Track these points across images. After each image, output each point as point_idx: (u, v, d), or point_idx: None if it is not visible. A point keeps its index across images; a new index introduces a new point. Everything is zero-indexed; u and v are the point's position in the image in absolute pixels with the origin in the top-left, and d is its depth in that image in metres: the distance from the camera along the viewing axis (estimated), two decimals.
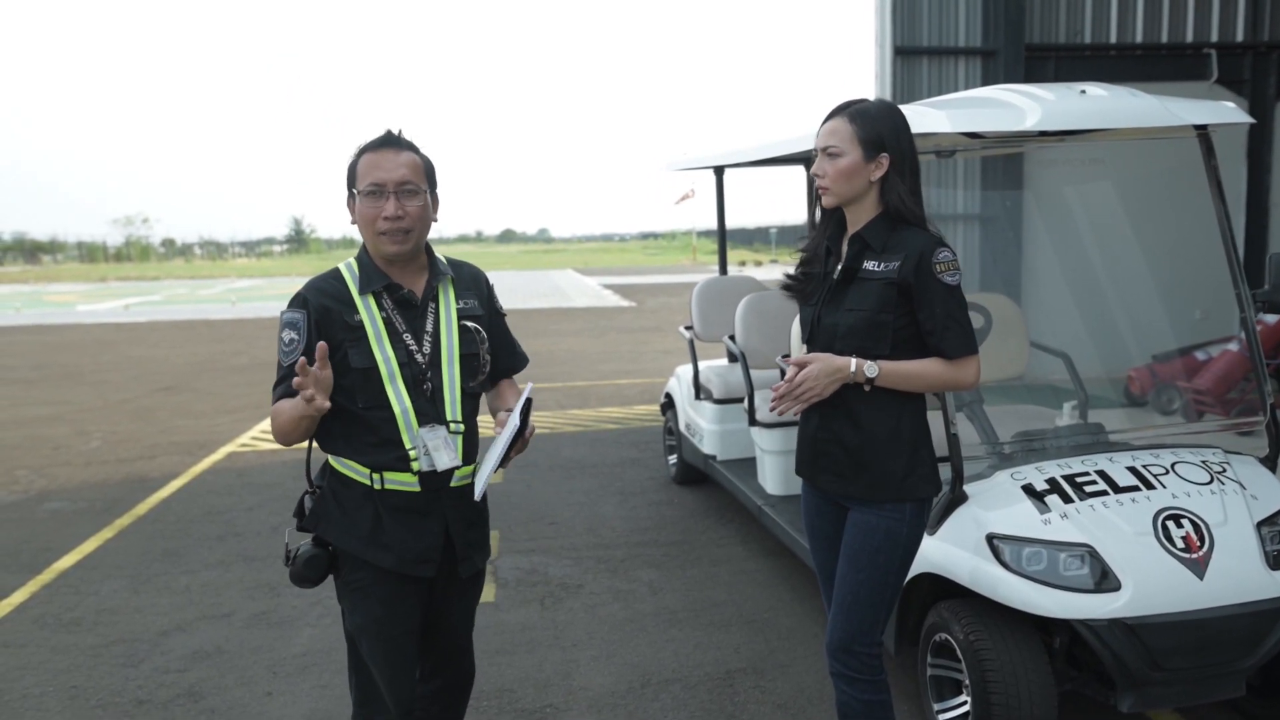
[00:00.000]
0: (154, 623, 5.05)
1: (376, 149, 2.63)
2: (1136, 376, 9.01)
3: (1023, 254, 10.85)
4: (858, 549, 2.87)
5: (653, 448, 8.50)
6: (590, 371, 13.63)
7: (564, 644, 4.65)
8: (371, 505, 2.66)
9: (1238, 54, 11.19)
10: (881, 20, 10.51)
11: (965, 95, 4.10)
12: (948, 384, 2.78)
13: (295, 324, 2.60)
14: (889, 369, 2.74)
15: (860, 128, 2.76)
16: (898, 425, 2.81)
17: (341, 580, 2.75)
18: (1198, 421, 6.72)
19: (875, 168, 2.77)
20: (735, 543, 5.99)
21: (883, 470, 2.82)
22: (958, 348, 2.73)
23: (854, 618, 2.91)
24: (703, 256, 59.31)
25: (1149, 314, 9.71)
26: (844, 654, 2.93)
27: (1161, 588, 3.21)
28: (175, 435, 9.91)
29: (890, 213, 2.79)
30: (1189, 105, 3.79)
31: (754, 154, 6.03)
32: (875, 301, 2.77)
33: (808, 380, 2.76)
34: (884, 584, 2.87)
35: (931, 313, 2.72)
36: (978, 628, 3.33)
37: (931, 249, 2.71)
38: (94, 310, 29.00)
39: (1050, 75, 10.74)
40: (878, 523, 2.84)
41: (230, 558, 6.01)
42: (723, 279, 7.20)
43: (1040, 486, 3.47)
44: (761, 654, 4.48)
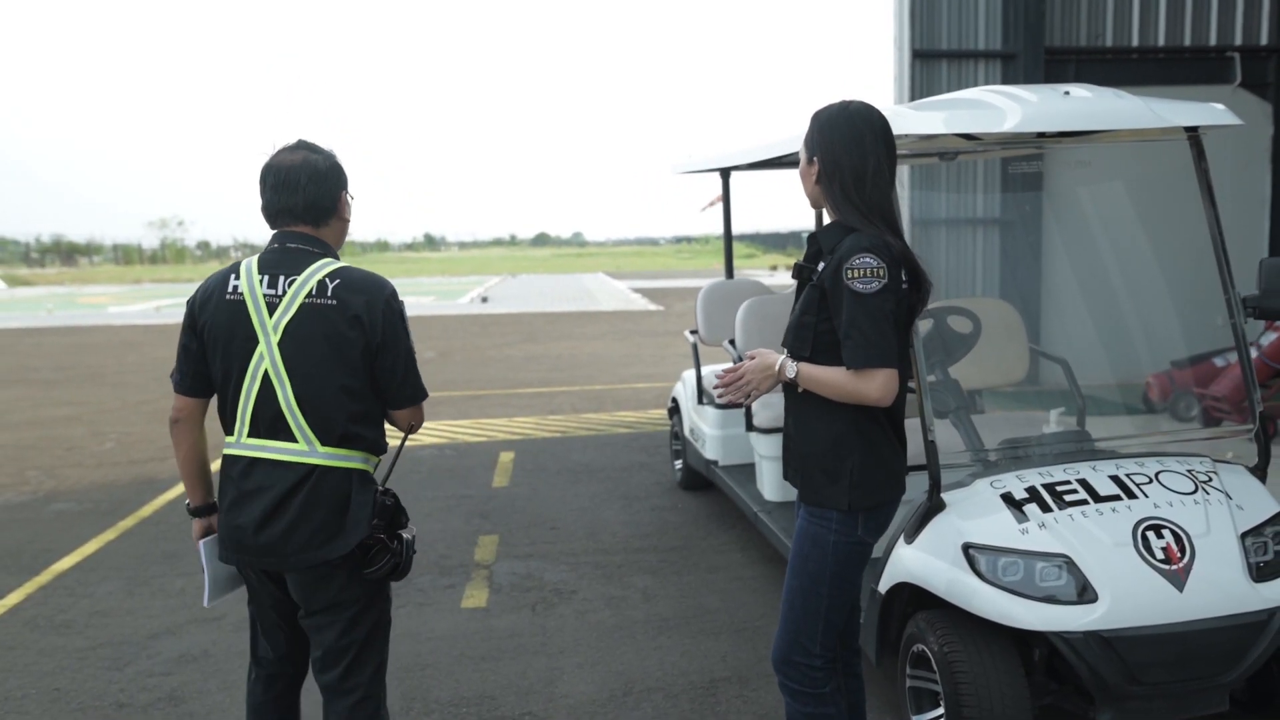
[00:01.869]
0: (144, 625, 5.06)
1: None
2: (1155, 383, 8.93)
3: (1042, 259, 10.74)
4: (794, 553, 2.92)
5: (662, 452, 8.47)
6: (610, 375, 13.61)
7: (550, 651, 4.63)
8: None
9: (1262, 57, 11.00)
10: (900, 23, 10.43)
11: (950, 97, 4.04)
12: (850, 395, 2.67)
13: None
14: (805, 372, 2.75)
15: (808, 131, 2.80)
16: (827, 430, 2.78)
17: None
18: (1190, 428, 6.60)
19: (812, 171, 2.78)
20: (734, 549, 5.94)
21: (807, 472, 2.84)
22: (856, 358, 2.63)
23: (790, 628, 2.91)
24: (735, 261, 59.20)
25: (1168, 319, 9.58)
26: (785, 665, 2.93)
27: (1140, 600, 3.15)
28: None
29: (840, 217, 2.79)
30: (1177, 107, 3.71)
31: (756, 155, 5.99)
32: (802, 304, 2.81)
33: (746, 373, 2.81)
34: (815, 593, 2.85)
35: (839, 320, 2.67)
36: (952, 639, 3.27)
37: (850, 254, 2.63)
38: (125, 312, 29.26)
39: (1070, 78, 10.60)
40: (807, 526, 2.86)
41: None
42: (728, 282, 7.16)
43: (1019, 495, 3.41)
44: (748, 663, 4.44)
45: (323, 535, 2.69)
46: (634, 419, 10.21)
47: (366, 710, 2.86)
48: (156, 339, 20.48)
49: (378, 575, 2.77)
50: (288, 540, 2.69)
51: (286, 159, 2.77)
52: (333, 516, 2.70)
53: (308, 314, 2.67)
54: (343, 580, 2.75)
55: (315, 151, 2.81)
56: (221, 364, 2.75)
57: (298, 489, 2.69)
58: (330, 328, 2.67)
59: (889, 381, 2.64)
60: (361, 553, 2.73)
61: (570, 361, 15.13)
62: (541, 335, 19.54)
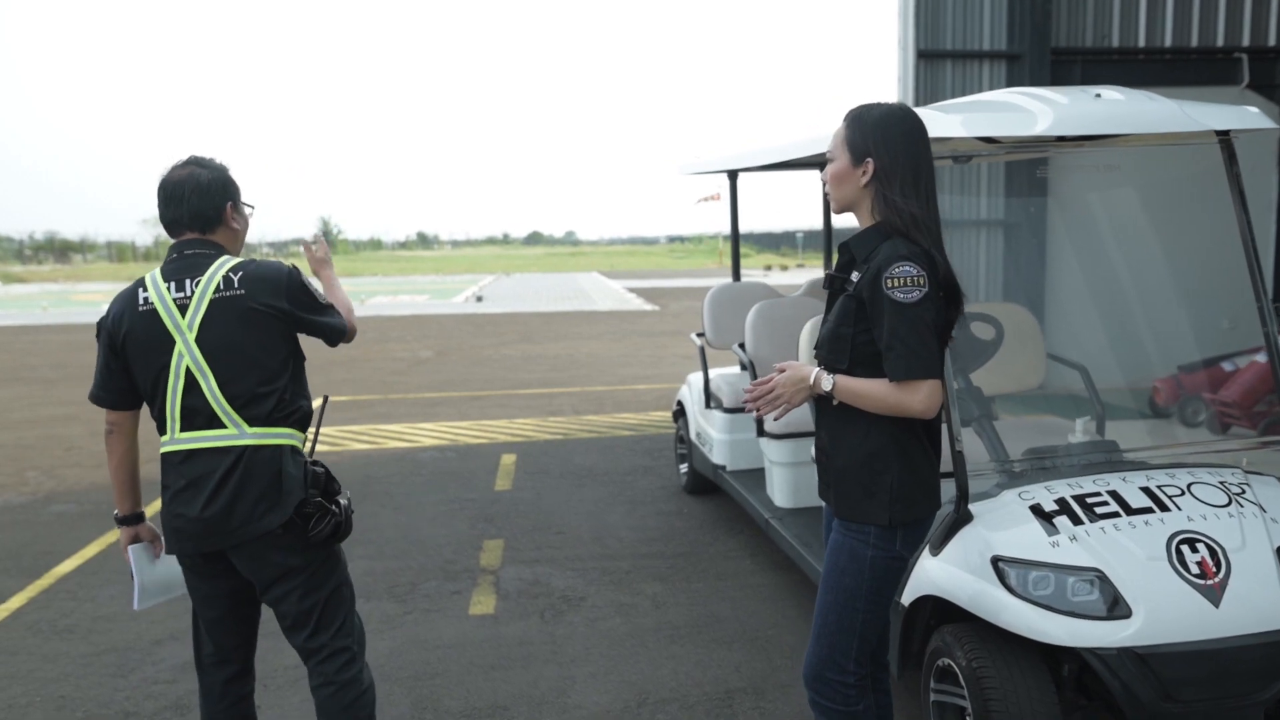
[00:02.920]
0: (148, 631, 4.97)
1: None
2: (1162, 387, 8.87)
3: (1046, 261, 10.68)
4: (828, 568, 2.83)
5: (665, 455, 8.39)
6: (609, 376, 13.53)
7: (562, 660, 4.54)
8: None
9: (1270, 58, 10.96)
10: (905, 22, 10.35)
11: (977, 99, 3.96)
12: (894, 407, 2.61)
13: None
14: (843, 385, 2.67)
15: (850, 132, 2.71)
16: (861, 444, 2.72)
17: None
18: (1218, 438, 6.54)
19: (862, 173, 2.68)
20: (743, 555, 5.86)
21: (843, 486, 2.77)
22: (899, 370, 2.56)
23: (823, 644, 2.84)
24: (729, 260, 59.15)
25: (1175, 323, 9.57)
26: (817, 682, 2.86)
27: (1174, 615, 3.06)
28: None
29: (884, 222, 2.69)
30: (1209, 110, 3.63)
31: (765, 158, 5.91)
32: (839, 314, 2.72)
33: (778, 386, 2.74)
34: (851, 608, 2.78)
35: (881, 331, 2.60)
36: (981, 654, 3.18)
37: (889, 263, 2.57)
38: None
39: (1076, 79, 10.54)
40: (843, 541, 2.78)
41: None
42: (735, 285, 7.08)
43: (1049, 507, 3.32)
44: (763, 673, 4.36)
45: (262, 507, 2.86)
46: (635, 421, 10.13)
47: (337, 663, 3.07)
48: None
49: (320, 537, 2.94)
50: (229, 518, 2.85)
51: (173, 175, 2.97)
52: (269, 490, 2.87)
53: (219, 307, 2.86)
54: (288, 548, 2.93)
55: (202, 166, 2.99)
56: (145, 372, 2.91)
57: (233, 470, 2.85)
58: (242, 315, 2.87)
59: (933, 393, 2.57)
60: (302, 521, 2.91)
61: (568, 362, 15.06)
62: (538, 335, 19.46)
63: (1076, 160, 10.00)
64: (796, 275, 40.11)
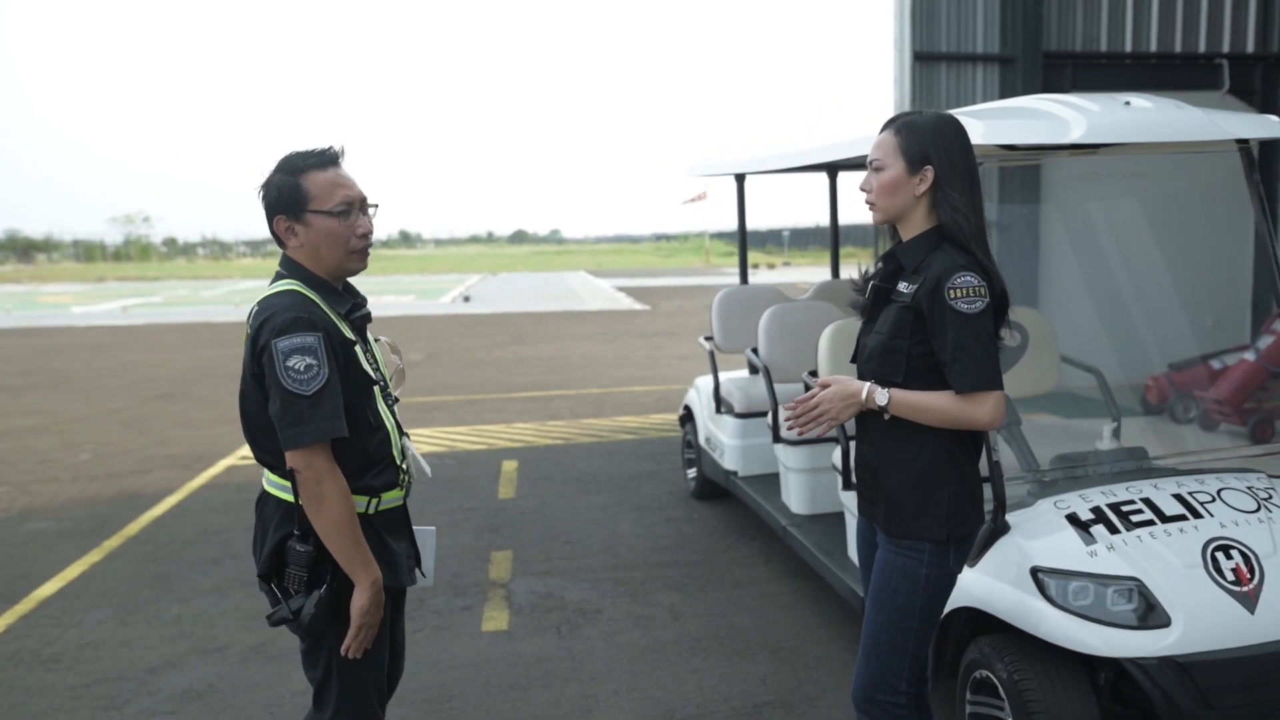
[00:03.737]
0: (142, 658, 4.77)
1: (325, 167, 2.57)
2: (1154, 385, 9.07)
3: (1040, 263, 10.78)
4: (878, 588, 2.79)
5: (670, 460, 8.38)
6: (605, 378, 13.51)
7: (582, 677, 4.49)
8: (371, 530, 2.60)
9: (1249, 64, 11.25)
10: (901, 25, 10.44)
11: (1002, 105, 3.98)
12: (959, 420, 2.58)
13: (310, 348, 2.41)
14: (900, 399, 2.62)
15: (904, 140, 2.64)
16: (915, 459, 2.68)
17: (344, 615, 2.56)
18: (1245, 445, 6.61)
19: (920, 182, 2.64)
20: (758, 563, 5.86)
21: (894, 503, 2.72)
22: (965, 382, 2.53)
23: (874, 664, 2.80)
24: (716, 259, 59.24)
25: (1164, 323, 9.76)
26: (868, 704, 2.82)
27: (1213, 623, 3.09)
28: (171, 447, 9.58)
29: (942, 230, 2.65)
30: (1234, 118, 3.67)
31: (778, 162, 5.94)
32: (891, 326, 2.67)
33: (823, 403, 2.69)
34: (904, 628, 2.75)
35: (944, 343, 2.55)
36: (1021, 666, 3.19)
37: (950, 273, 2.54)
38: (89, 312, 28.60)
39: (1067, 82, 10.69)
40: (895, 559, 2.74)
41: (226, 583, 5.73)
42: (744, 288, 7.07)
43: (1085, 516, 3.34)
44: (789, 685, 4.35)
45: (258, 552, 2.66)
46: (637, 424, 10.11)
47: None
48: (126, 341, 19.96)
49: (271, 621, 2.57)
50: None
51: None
52: (259, 543, 2.66)
53: (246, 345, 2.58)
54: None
55: (273, 170, 2.61)
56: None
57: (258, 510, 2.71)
58: (246, 359, 2.56)
59: (1000, 404, 2.57)
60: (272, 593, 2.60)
61: (562, 364, 15.03)
62: (529, 336, 19.41)
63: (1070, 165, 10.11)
64: (784, 274, 40.18)
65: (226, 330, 22.04)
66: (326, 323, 2.51)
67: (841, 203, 7.42)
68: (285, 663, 4.68)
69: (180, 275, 56.14)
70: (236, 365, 2.43)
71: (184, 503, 7.56)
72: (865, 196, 2.76)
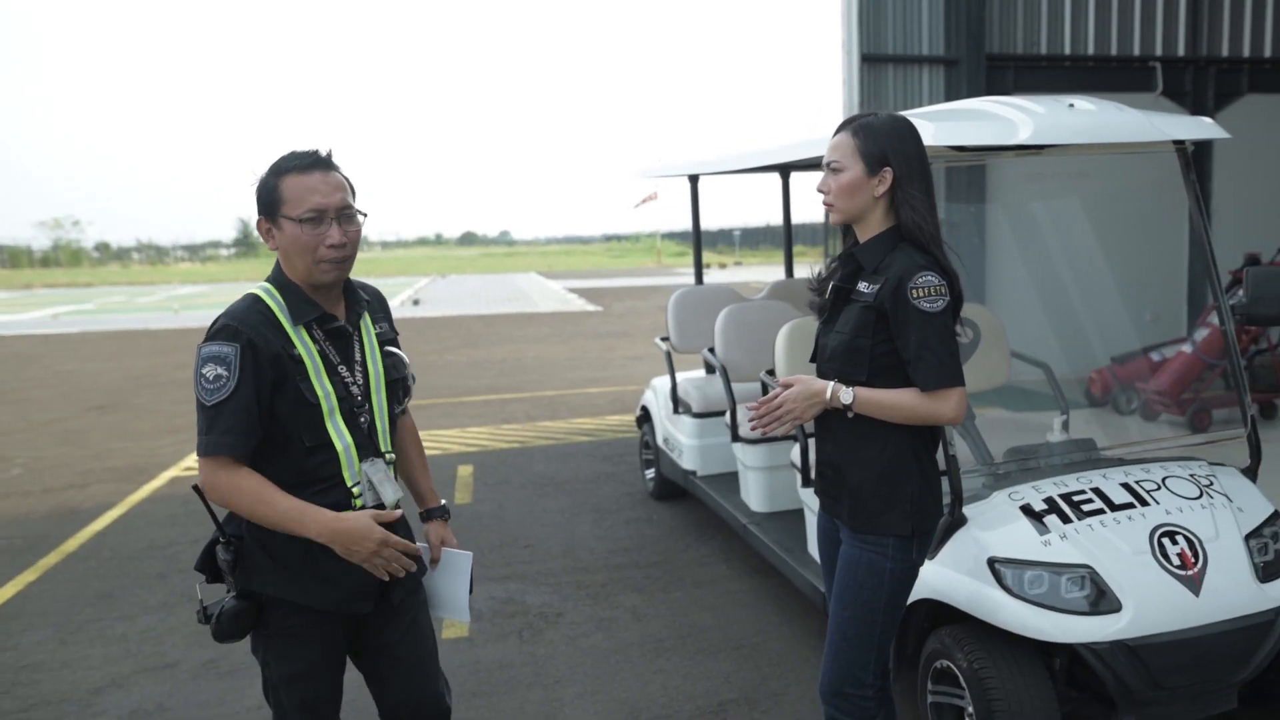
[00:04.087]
0: (85, 679, 4.62)
1: (305, 170, 2.46)
2: (1097, 378, 9.36)
3: (986, 261, 11.02)
4: (843, 584, 2.83)
5: (627, 461, 8.43)
6: (559, 380, 13.51)
7: (546, 681, 4.49)
8: (303, 548, 2.47)
9: (1180, 67, 11.62)
10: (848, 27, 10.61)
11: (951, 107, 4.08)
12: (924, 417, 2.65)
13: (224, 359, 2.36)
14: (864, 397, 2.67)
15: (862, 142, 2.68)
16: (878, 456, 2.73)
17: (269, 630, 2.57)
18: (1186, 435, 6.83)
19: (879, 183, 2.68)
20: (719, 561, 5.92)
21: (859, 500, 2.77)
22: (930, 379, 2.60)
23: (841, 658, 2.85)
24: (667, 259, 59.33)
25: (1106, 317, 10.06)
26: (836, 697, 2.87)
27: (1161, 607, 3.22)
28: (110, 460, 9.28)
29: (900, 230, 2.70)
30: (1172, 120, 3.82)
31: (731, 163, 6.01)
32: (854, 326, 2.71)
33: (787, 401, 2.73)
34: (869, 621, 2.80)
35: (907, 341, 2.61)
36: (981, 654, 3.29)
37: (912, 273, 2.59)
38: (17, 321, 27.58)
39: (1010, 84, 10.96)
40: (859, 555, 2.78)
41: (173, 599, 5.58)
42: (700, 288, 7.14)
43: (1038, 506, 3.45)
44: (753, 682, 4.40)
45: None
46: (593, 426, 10.14)
47: None
48: (58, 351, 19.30)
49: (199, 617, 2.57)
50: None
51: None
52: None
53: None
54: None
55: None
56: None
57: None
58: None
59: (962, 400, 2.64)
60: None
61: (515, 366, 15.01)
62: (481, 339, 19.32)
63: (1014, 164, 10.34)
64: (737, 273, 40.34)
65: (165, 338, 21.32)
66: (261, 334, 2.42)
67: (792, 202, 7.52)
68: (239, 678, 4.59)
69: (115, 281, 54.23)
70: (176, 374, 2.34)
71: (125, 517, 7.34)
72: (823, 198, 2.78)
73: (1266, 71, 11.88)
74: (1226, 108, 11.64)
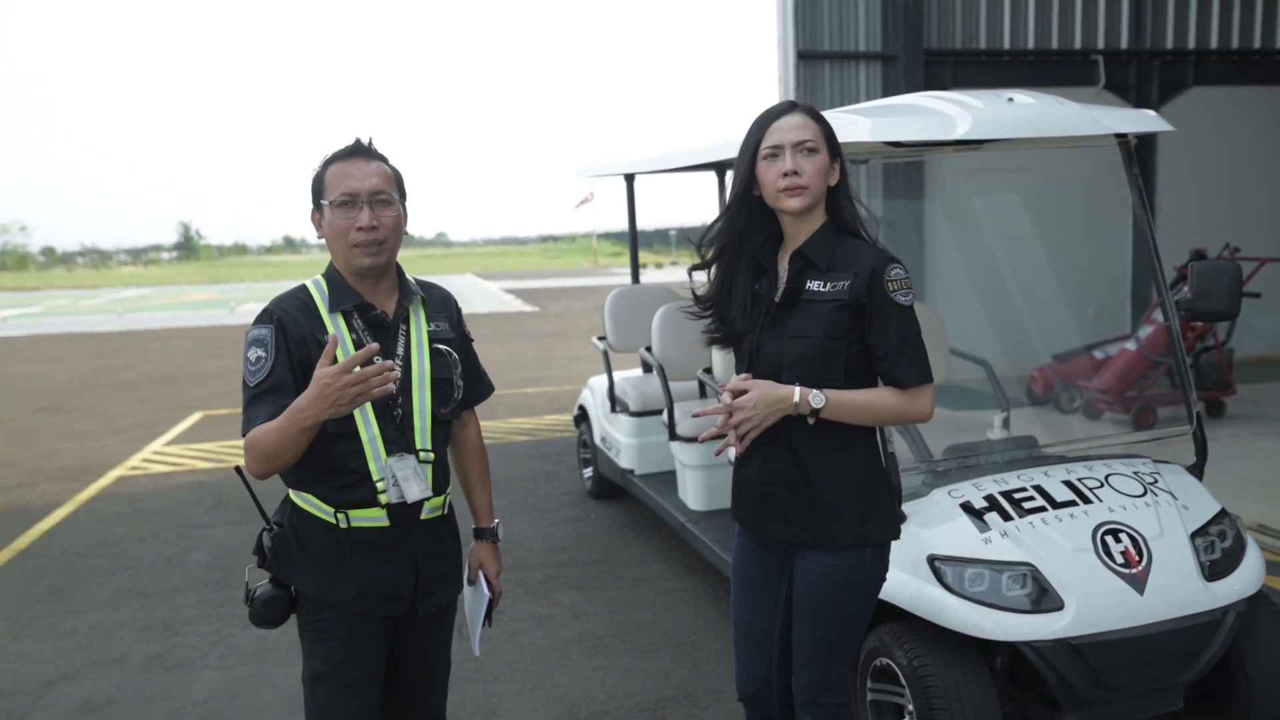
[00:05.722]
0: (37, 672, 4.65)
1: (345, 158, 2.50)
2: (1039, 376, 9.21)
3: (925, 258, 10.99)
4: (816, 602, 2.61)
5: (565, 460, 8.31)
6: (497, 380, 12.90)
7: (485, 677, 4.43)
8: (335, 543, 2.49)
9: (1123, 60, 11.57)
10: (784, 24, 10.52)
11: (889, 103, 4.02)
12: (901, 416, 2.50)
13: (263, 340, 2.43)
14: (837, 400, 2.45)
15: (823, 128, 2.52)
16: (849, 463, 2.55)
17: (301, 621, 2.58)
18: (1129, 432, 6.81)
19: (835, 172, 2.54)
20: (657, 560, 5.84)
21: (835, 514, 2.54)
22: (912, 375, 2.45)
23: (816, 670, 2.67)
24: (604, 259, 59.28)
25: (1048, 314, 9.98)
26: (813, 706, 2.70)
27: (1104, 605, 3.17)
28: (58, 459, 9.32)
29: (838, 224, 2.56)
30: (1113, 113, 3.77)
31: (668, 162, 5.93)
32: (825, 327, 2.48)
33: (744, 411, 2.44)
34: (846, 634, 2.65)
35: (884, 337, 2.45)
36: (920, 652, 3.23)
37: (884, 265, 2.45)
38: None
39: (948, 80, 10.91)
40: (833, 574, 2.57)
41: (121, 594, 5.60)
42: (636, 288, 7.05)
43: (979, 504, 3.41)
44: (692, 680, 4.34)
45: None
46: (530, 426, 10.01)
47: None
48: (5, 353, 19.32)
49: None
50: None
51: None
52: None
53: None
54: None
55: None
56: None
57: None
58: None
59: (934, 396, 2.52)
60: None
61: None
62: None
63: (954, 159, 10.35)
64: (672, 273, 40.32)
65: (109, 340, 21.45)
66: (292, 316, 2.45)
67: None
68: (185, 672, 4.61)
69: (60, 285, 54.28)
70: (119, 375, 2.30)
71: (74, 515, 7.35)
72: (794, 180, 2.47)
73: (1212, 64, 11.81)
74: (1171, 101, 11.62)
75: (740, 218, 2.62)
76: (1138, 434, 4.81)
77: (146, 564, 6.13)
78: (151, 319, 27.11)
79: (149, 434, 10.43)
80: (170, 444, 9.89)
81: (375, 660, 2.59)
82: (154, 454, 9.40)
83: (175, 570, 5.98)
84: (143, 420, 11.31)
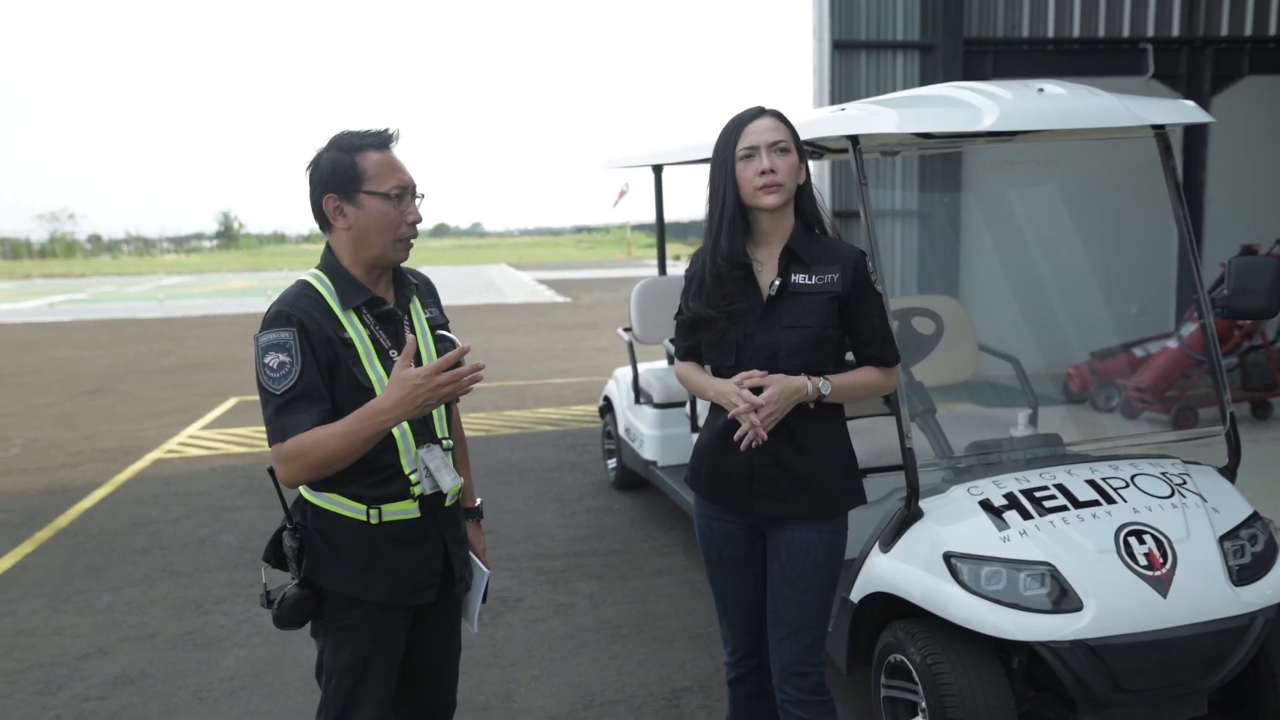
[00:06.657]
0: (74, 645, 4.79)
1: (383, 148, 2.44)
2: (1075, 374, 9.03)
3: (961, 251, 10.82)
4: (801, 569, 2.81)
5: (590, 451, 8.31)
6: (526, 370, 13.38)
7: (503, 663, 4.45)
8: (365, 539, 2.45)
9: (1174, 49, 11.15)
10: (820, 13, 10.37)
11: (917, 93, 3.95)
12: (881, 390, 2.85)
13: (284, 345, 2.32)
14: (839, 383, 2.74)
15: (791, 131, 2.75)
16: (837, 441, 2.83)
17: (327, 619, 2.52)
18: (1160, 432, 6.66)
19: (801, 172, 2.77)
20: (677, 551, 5.82)
21: (826, 488, 2.79)
22: (893, 354, 2.81)
23: (803, 640, 2.85)
24: (638, 250, 59.27)
25: (1087, 311, 9.73)
26: (796, 678, 2.85)
27: (1124, 607, 3.09)
28: (100, 441, 9.50)
29: (805, 220, 2.80)
30: (1148, 104, 3.66)
31: (695, 152, 5.86)
32: (820, 317, 2.72)
33: (771, 406, 2.64)
34: (827, 600, 2.86)
35: (869, 323, 2.76)
36: (934, 649, 3.18)
37: (862, 258, 2.76)
38: (16, 309, 28.11)
39: (988, 69, 10.66)
40: (820, 539, 2.80)
41: (156, 573, 5.74)
42: (662, 279, 7.00)
43: (998, 502, 3.33)
44: (708, 671, 4.32)
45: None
46: (558, 416, 10.02)
47: None
48: (54, 338, 19.67)
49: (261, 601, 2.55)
50: None
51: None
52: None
53: None
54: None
55: (324, 148, 2.48)
56: None
57: None
58: None
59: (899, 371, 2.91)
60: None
61: (483, 356, 14.84)
62: (452, 329, 19.12)
63: (992, 152, 10.17)
64: None
65: (151, 326, 21.86)
66: (312, 317, 2.36)
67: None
68: (213, 650, 4.71)
69: (105, 272, 55.38)
70: (163, 360, 2.28)
71: (113, 495, 7.53)
72: (770, 178, 2.67)
73: (1270, 51, 11.29)
74: (1224, 90, 11.21)
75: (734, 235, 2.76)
76: (1168, 434, 4.70)
77: (180, 544, 6.22)
78: (192, 306, 27.47)
79: (186, 418, 10.55)
80: (206, 428, 10.01)
81: (399, 651, 2.60)
82: (190, 437, 9.51)
83: (207, 551, 6.06)
84: (180, 404, 11.45)
